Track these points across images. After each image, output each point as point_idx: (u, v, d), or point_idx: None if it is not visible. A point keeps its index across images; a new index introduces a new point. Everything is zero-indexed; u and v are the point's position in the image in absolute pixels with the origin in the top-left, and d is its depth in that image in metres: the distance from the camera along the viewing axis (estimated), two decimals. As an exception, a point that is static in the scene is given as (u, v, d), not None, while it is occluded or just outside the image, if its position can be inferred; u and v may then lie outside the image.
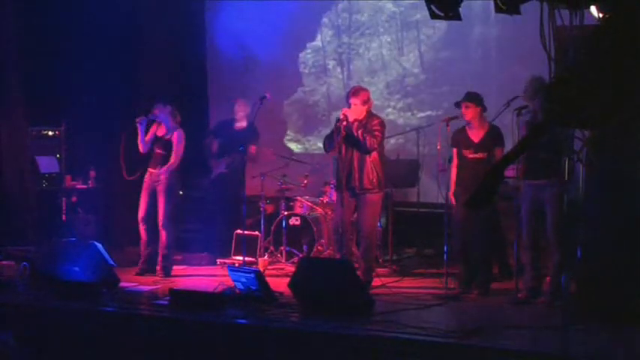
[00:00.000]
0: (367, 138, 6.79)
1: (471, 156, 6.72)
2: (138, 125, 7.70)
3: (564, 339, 4.79)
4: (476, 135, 6.75)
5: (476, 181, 6.59)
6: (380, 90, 9.59)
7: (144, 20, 9.47)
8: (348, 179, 6.91)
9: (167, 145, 7.69)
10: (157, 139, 7.76)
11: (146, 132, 7.78)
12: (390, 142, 8.93)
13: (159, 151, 7.72)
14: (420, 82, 9.52)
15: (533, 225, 6.35)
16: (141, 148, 7.76)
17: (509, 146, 6.47)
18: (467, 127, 6.79)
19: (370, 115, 6.98)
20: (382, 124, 6.97)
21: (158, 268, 7.65)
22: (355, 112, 6.89)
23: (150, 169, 7.75)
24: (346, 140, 6.90)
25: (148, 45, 9.57)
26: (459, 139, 6.80)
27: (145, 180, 7.74)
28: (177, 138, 7.66)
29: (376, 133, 6.86)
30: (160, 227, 7.64)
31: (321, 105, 10.07)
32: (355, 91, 7.00)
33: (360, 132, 6.81)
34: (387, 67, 9.69)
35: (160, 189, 7.62)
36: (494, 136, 6.69)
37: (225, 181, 8.62)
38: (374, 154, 6.88)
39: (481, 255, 6.73)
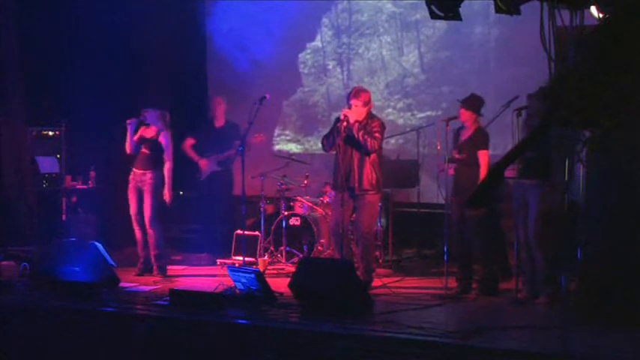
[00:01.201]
0: (368, 140, 6.79)
1: (456, 156, 6.78)
2: (128, 126, 7.71)
3: (564, 339, 4.79)
4: (464, 136, 6.80)
5: (458, 181, 6.70)
6: (380, 90, 9.59)
7: (144, 20, 9.47)
8: (347, 179, 6.91)
9: (154, 146, 7.68)
10: (144, 140, 7.73)
11: (135, 133, 7.78)
12: (390, 142, 8.94)
13: (145, 151, 7.69)
14: (420, 82, 9.52)
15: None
16: (128, 148, 7.73)
17: (508, 147, 6.47)
18: (461, 129, 6.85)
19: (371, 116, 6.98)
20: (382, 125, 6.97)
21: (155, 268, 7.65)
22: (356, 113, 6.89)
23: (134, 170, 7.70)
24: (347, 141, 6.90)
25: (148, 45, 9.56)
26: (455, 139, 6.86)
27: (130, 180, 7.70)
28: (165, 139, 7.66)
29: (376, 134, 6.86)
30: (148, 228, 7.61)
31: (320, 105, 10.07)
32: (356, 92, 7.00)
33: (360, 133, 6.81)
34: (386, 67, 9.69)
35: (146, 189, 7.61)
36: (476, 138, 6.71)
37: (219, 179, 8.59)
38: (373, 155, 6.88)
39: (480, 255, 6.73)
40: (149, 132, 7.73)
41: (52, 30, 8.79)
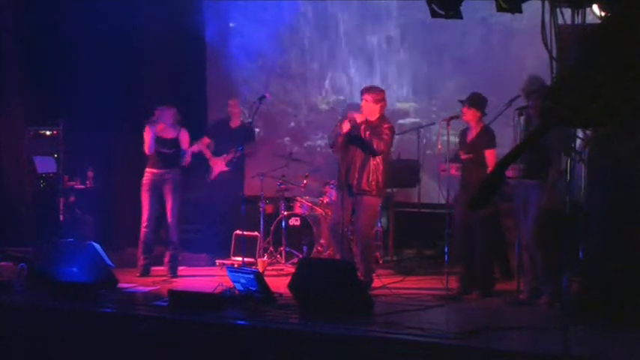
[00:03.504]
0: (374, 140, 6.74)
1: (463, 157, 6.75)
2: (148, 128, 7.67)
3: (565, 339, 4.76)
4: (470, 136, 6.77)
5: (467, 181, 6.65)
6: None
7: (143, 20, 9.44)
8: (346, 177, 6.88)
9: (174, 145, 7.73)
10: (163, 140, 7.72)
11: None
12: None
13: (166, 151, 7.70)
14: (421, 80, 9.49)
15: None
16: (149, 149, 7.68)
17: (509, 146, 6.44)
18: (467, 129, 6.82)
19: (382, 118, 6.93)
20: (392, 129, 6.92)
21: (167, 267, 7.64)
22: (366, 109, 6.86)
23: (152, 170, 7.68)
24: (351, 141, 6.86)
25: (148, 45, 9.54)
26: (461, 140, 6.83)
27: (146, 181, 7.68)
28: (186, 137, 7.78)
29: (384, 136, 6.81)
30: (172, 227, 7.65)
31: (321, 104, 10.04)
32: (369, 89, 7.00)
33: (367, 133, 6.76)
34: (388, 66, 9.67)
35: (169, 188, 7.64)
36: (483, 137, 6.69)
37: (227, 180, 8.56)
38: (378, 157, 6.83)
39: (482, 256, 6.70)
40: (169, 132, 7.72)
41: (50, 30, 8.76)
